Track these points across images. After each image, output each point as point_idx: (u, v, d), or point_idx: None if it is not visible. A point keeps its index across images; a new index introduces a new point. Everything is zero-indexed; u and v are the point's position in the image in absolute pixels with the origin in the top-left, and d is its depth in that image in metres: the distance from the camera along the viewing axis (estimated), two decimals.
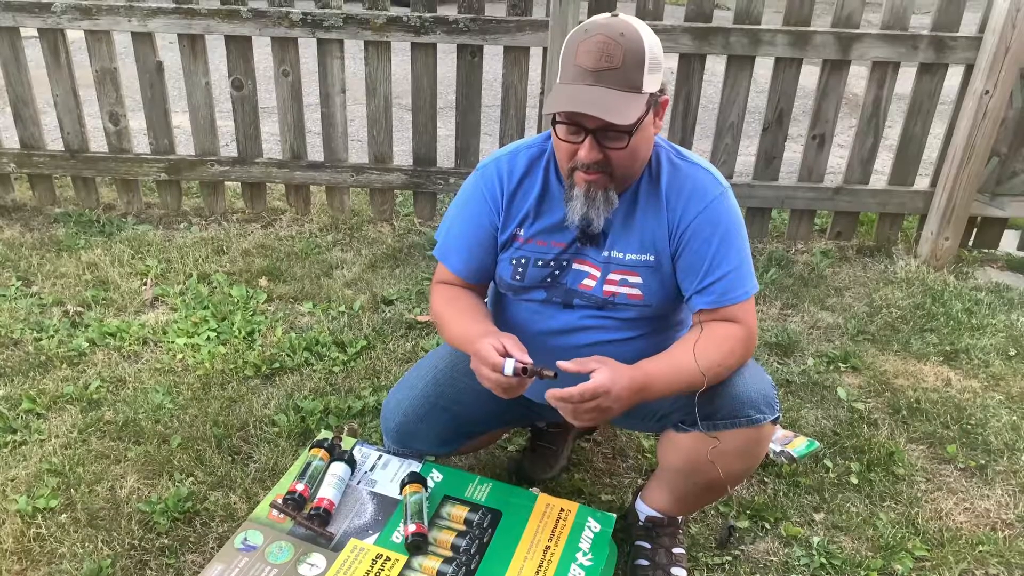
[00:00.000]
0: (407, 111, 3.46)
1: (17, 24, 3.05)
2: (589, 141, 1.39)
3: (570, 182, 1.47)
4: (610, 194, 1.45)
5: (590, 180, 1.43)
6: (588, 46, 1.35)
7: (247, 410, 2.19)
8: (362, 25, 3.00)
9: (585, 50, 1.35)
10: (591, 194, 1.44)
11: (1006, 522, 1.94)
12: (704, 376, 1.43)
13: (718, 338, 1.47)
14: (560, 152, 1.46)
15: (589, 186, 1.44)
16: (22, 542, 1.75)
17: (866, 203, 3.24)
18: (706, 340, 1.46)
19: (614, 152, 1.40)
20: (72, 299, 2.71)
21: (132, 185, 3.37)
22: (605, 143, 1.39)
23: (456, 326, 1.58)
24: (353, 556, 1.51)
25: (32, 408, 2.16)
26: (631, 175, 1.49)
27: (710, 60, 3.08)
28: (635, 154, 1.44)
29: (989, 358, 2.58)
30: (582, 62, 1.35)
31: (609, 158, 1.41)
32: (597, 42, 1.35)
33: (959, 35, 2.93)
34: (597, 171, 1.42)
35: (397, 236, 3.29)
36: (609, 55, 1.34)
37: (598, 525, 1.62)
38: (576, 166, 1.43)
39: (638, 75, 1.35)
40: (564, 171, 1.48)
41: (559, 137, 1.43)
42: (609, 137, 1.39)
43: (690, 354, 1.45)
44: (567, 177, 1.47)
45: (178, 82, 3.50)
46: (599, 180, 1.43)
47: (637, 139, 1.40)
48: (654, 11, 2.93)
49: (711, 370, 1.44)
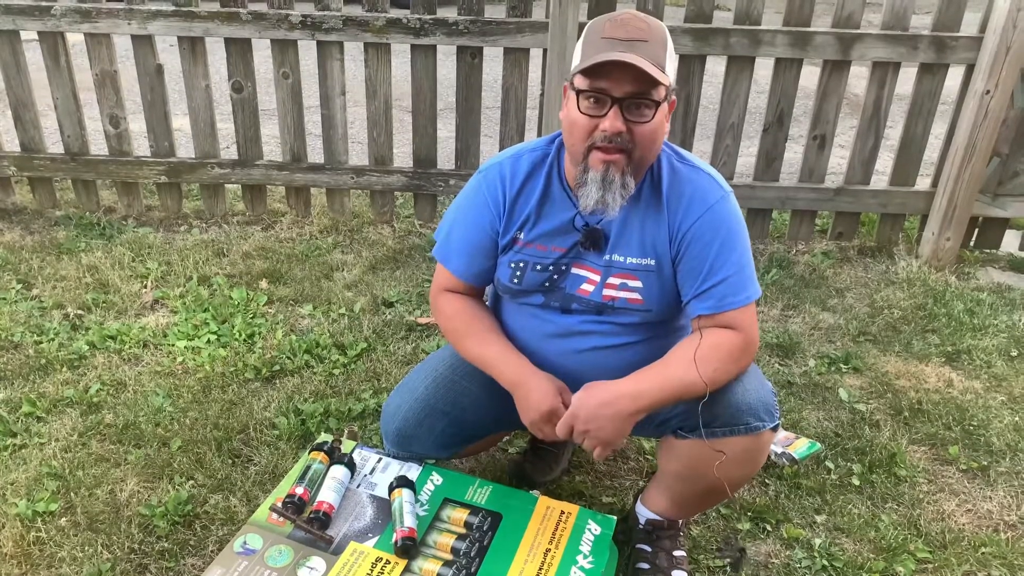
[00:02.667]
0: (407, 113, 3.46)
1: (17, 27, 3.05)
2: (614, 111, 1.36)
3: (584, 166, 1.41)
4: (627, 179, 1.41)
5: (609, 160, 1.39)
6: (617, 22, 1.37)
7: (247, 413, 2.19)
8: (362, 27, 3.00)
9: (613, 26, 1.36)
10: (609, 176, 1.40)
11: (1009, 523, 1.93)
12: (706, 386, 1.43)
13: (714, 347, 1.45)
14: (577, 130, 1.40)
15: (608, 167, 1.39)
16: (22, 546, 1.75)
17: (867, 204, 3.23)
18: (703, 349, 1.44)
19: (638, 127, 1.37)
20: (72, 302, 2.71)
21: (132, 188, 3.37)
22: (629, 116, 1.37)
23: (486, 357, 1.61)
24: (353, 559, 1.51)
25: (32, 411, 2.16)
26: (647, 160, 1.44)
27: (710, 61, 3.07)
28: (655, 134, 1.40)
29: (991, 359, 2.57)
30: (612, 34, 1.35)
31: (632, 132, 1.37)
32: (626, 19, 1.37)
33: (960, 35, 2.92)
34: (617, 150, 1.38)
35: (397, 238, 3.29)
36: (639, 28, 1.36)
37: (598, 528, 1.61)
38: (595, 143, 1.38)
39: (663, 55, 1.36)
40: (578, 154, 1.42)
41: (580, 110, 1.39)
42: (634, 110, 1.37)
43: (684, 363, 1.44)
44: (581, 160, 1.41)
45: (178, 85, 3.50)
46: (618, 161, 1.39)
47: (659, 118, 1.39)
48: (654, 12, 2.93)
49: (714, 382, 1.44)
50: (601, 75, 1.35)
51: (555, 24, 2.88)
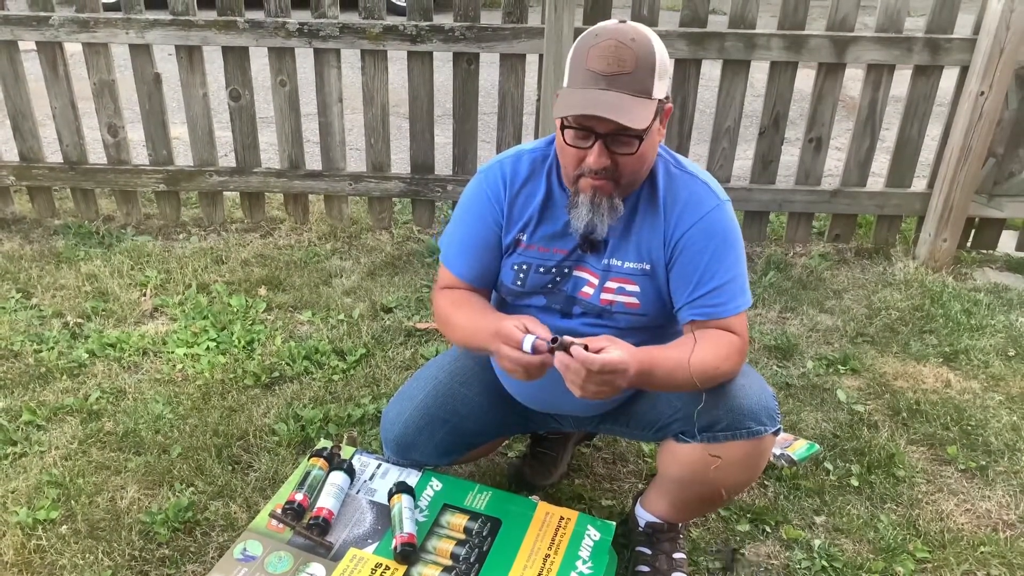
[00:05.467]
0: (405, 119, 3.47)
1: (15, 37, 3.06)
2: (599, 147, 1.38)
3: (574, 189, 1.45)
4: (615, 201, 1.44)
5: (596, 186, 1.42)
6: (599, 51, 1.35)
7: (247, 419, 2.19)
8: (358, 34, 3.01)
9: (597, 54, 1.35)
10: (596, 200, 1.43)
11: (1007, 523, 1.94)
12: (694, 378, 1.41)
13: (714, 342, 1.46)
14: (566, 158, 1.44)
15: (595, 192, 1.42)
16: (23, 554, 1.75)
17: (864, 205, 3.24)
18: (703, 342, 1.45)
19: (623, 158, 1.40)
20: (72, 310, 2.71)
21: (131, 196, 3.38)
22: (614, 148, 1.39)
23: (466, 323, 1.54)
24: (352, 565, 1.51)
25: (32, 420, 2.17)
26: (636, 181, 1.48)
27: (706, 65, 3.08)
28: (643, 160, 1.43)
29: (989, 359, 2.57)
30: (594, 66, 1.35)
31: (618, 164, 1.40)
32: (609, 46, 1.34)
33: (954, 37, 2.94)
34: (603, 177, 1.41)
35: (396, 244, 3.30)
36: (621, 59, 1.34)
37: (598, 533, 1.61)
38: (583, 172, 1.42)
39: (649, 80, 1.36)
40: (569, 178, 1.46)
41: (567, 143, 1.41)
42: (619, 143, 1.38)
43: (688, 353, 1.43)
44: (572, 184, 1.46)
45: (176, 93, 3.51)
46: (604, 187, 1.42)
47: (646, 145, 1.40)
48: (649, 17, 2.94)
49: (705, 373, 1.44)
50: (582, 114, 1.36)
51: (551, 30, 2.89)
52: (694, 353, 1.42)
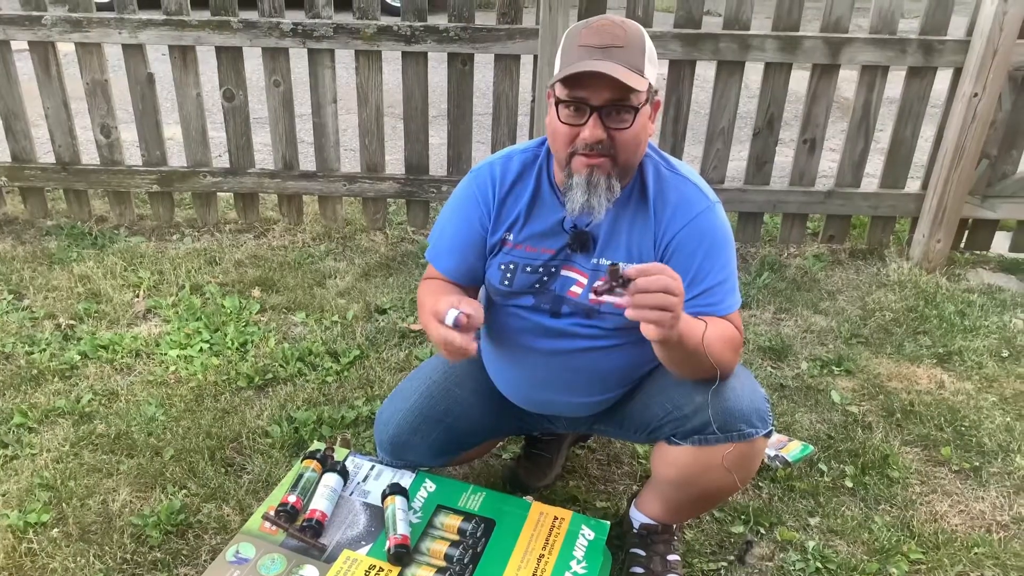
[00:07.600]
0: (399, 120, 3.46)
1: (7, 37, 3.05)
2: (594, 119, 1.36)
3: (568, 171, 1.42)
4: (612, 181, 1.41)
5: (593, 163, 1.39)
6: (593, 29, 1.37)
7: (240, 421, 2.18)
8: (352, 35, 3.00)
9: (590, 32, 1.37)
10: (593, 179, 1.40)
11: (1001, 524, 1.94)
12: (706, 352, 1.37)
13: (720, 329, 1.45)
14: (559, 138, 1.42)
15: (592, 171, 1.39)
16: (13, 557, 1.74)
17: (858, 206, 3.25)
18: (712, 327, 1.42)
19: (618, 132, 1.38)
20: (64, 312, 2.70)
21: (124, 197, 3.36)
22: (609, 123, 1.37)
23: (425, 304, 1.53)
24: (346, 567, 1.51)
25: (24, 422, 2.15)
26: (632, 163, 1.45)
27: (700, 66, 3.09)
28: (637, 139, 1.41)
29: (982, 360, 2.58)
30: (587, 41, 1.36)
31: (614, 139, 1.38)
32: (601, 25, 1.38)
33: (947, 38, 2.94)
34: (600, 154, 1.39)
35: (390, 245, 3.29)
36: (614, 35, 1.36)
37: (592, 533, 1.61)
38: (576, 150, 1.39)
39: (640, 59, 1.37)
40: (562, 160, 1.43)
41: (560, 120, 1.40)
42: (613, 117, 1.37)
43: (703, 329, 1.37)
44: (565, 166, 1.43)
45: (169, 94, 3.50)
46: (602, 164, 1.39)
47: (639, 123, 1.39)
48: (643, 17, 2.94)
49: (713, 355, 1.40)
50: (578, 84, 1.35)
51: (545, 30, 2.89)
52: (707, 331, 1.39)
